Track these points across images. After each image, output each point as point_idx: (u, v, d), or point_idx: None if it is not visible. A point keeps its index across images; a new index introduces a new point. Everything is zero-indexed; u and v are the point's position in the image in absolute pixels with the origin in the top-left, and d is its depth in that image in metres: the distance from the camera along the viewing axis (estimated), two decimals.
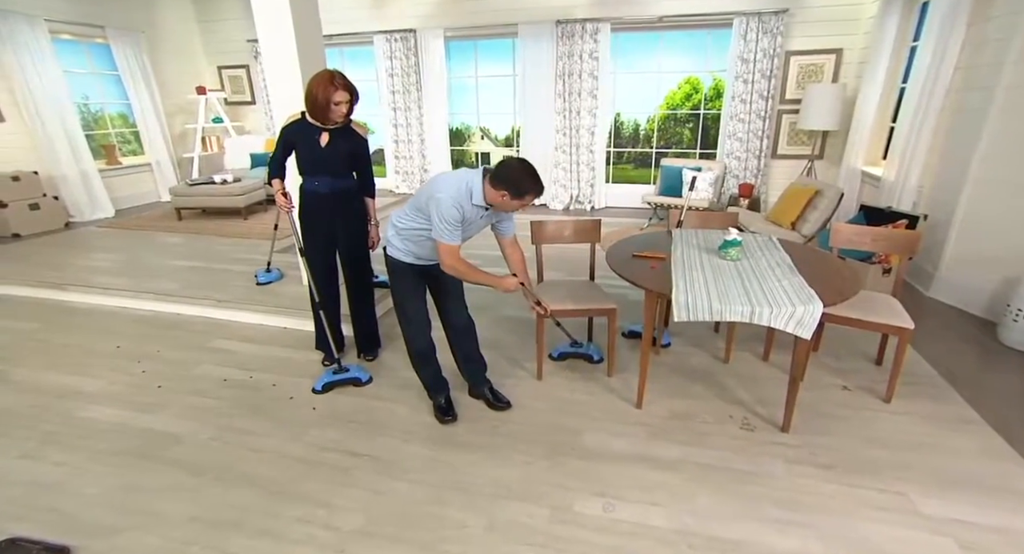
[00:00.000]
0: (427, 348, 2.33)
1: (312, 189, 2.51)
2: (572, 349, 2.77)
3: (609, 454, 2.11)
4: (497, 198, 1.94)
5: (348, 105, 2.34)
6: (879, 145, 4.75)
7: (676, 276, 2.15)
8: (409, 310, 2.24)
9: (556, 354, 2.77)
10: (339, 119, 2.36)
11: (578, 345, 2.74)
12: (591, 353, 2.75)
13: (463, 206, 1.94)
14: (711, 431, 2.22)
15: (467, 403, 2.47)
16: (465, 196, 1.95)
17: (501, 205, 1.96)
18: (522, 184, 1.90)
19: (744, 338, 2.99)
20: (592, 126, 6.12)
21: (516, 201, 1.93)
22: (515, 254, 2.26)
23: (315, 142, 2.41)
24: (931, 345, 2.85)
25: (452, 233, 1.95)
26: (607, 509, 1.83)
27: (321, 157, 2.43)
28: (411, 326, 2.27)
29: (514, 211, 2.04)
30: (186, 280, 3.85)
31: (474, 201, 1.96)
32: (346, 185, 2.55)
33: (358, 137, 2.51)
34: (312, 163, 2.46)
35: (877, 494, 1.86)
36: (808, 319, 1.86)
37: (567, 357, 2.78)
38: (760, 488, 1.91)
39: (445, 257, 1.99)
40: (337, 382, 2.60)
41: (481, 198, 1.96)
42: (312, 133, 2.41)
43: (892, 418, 2.28)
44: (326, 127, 2.40)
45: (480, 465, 2.07)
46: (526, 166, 1.92)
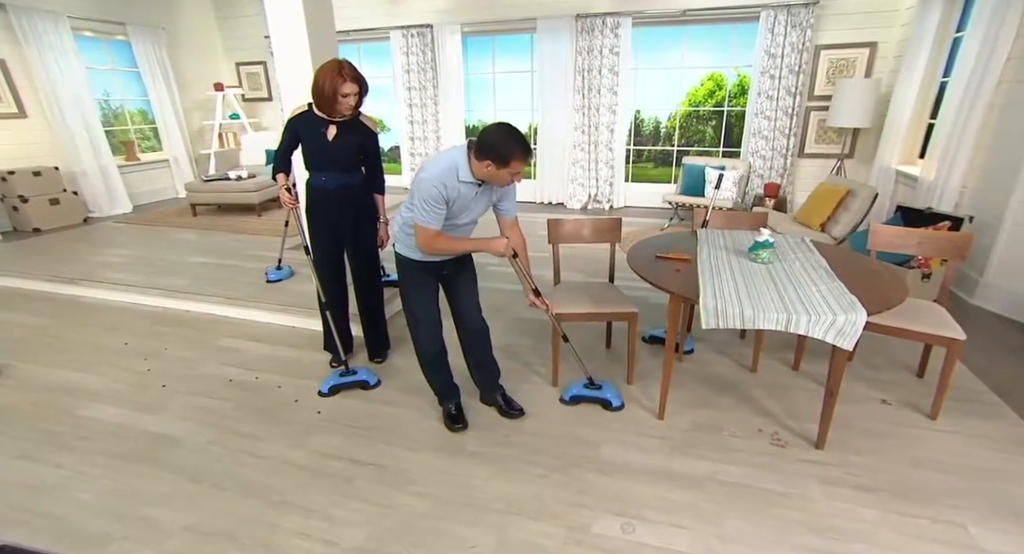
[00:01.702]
0: (438, 352, 2.20)
1: (319, 184, 2.39)
2: (587, 392, 2.34)
3: (629, 469, 1.96)
4: (484, 170, 1.77)
5: (356, 97, 2.22)
6: (915, 143, 4.50)
7: (703, 280, 1.99)
8: (419, 311, 2.11)
9: (568, 397, 2.34)
10: (346, 112, 2.24)
11: (595, 386, 2.34)
12: (609, 397, 2.31)
13: (447, 184, 1.78)
14: (739, 446, 2.06)
15: (478, 409, 2.34)
16: (451, 174, 1.79)
17: (491, 177, 1.79)
18: (504, 149, 1.72)
19: (772, 345, 2.80)
20: (611, 123, 5.95)
21: (504, 170, 1.76)
22: (515, 237, 2.08)
23: (321, 135, 2.29)
24: (978, 357, 2.63)
25: (430, 213, 1.80)
26: (626, 531, 1.68)
27: (328, 151, 2.31)
28: (421, 328, 2.13)
29: (510, 183, 1.86)
30: (196, 276, 3.79)
31: (461, 178, 1.80)
32: (354, 181, 2.43)
33: (366, 130, 2.39)
34: (318, 157, 2.34)
35: (929, 524, 1.68)
36: (850, 328, 1.69)
37: (580, 401, 2.34)
38: (794, 511, 1.74)
39: (421, 240, 1.86)
40: (344, 385, 2.50)
41: (468, 173, 1.80)
42: (318, 126, 2.29)
43: (940, 437, 2.09)
44: (333, 120, 2.28)
45: (490, 478, 1.93)
46: (506, 129, 1.74)
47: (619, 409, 2.28)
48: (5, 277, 4.03)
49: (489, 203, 1.99)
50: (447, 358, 2.24)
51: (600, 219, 2.67)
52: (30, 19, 5.21)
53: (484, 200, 1.95)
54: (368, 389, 2.51)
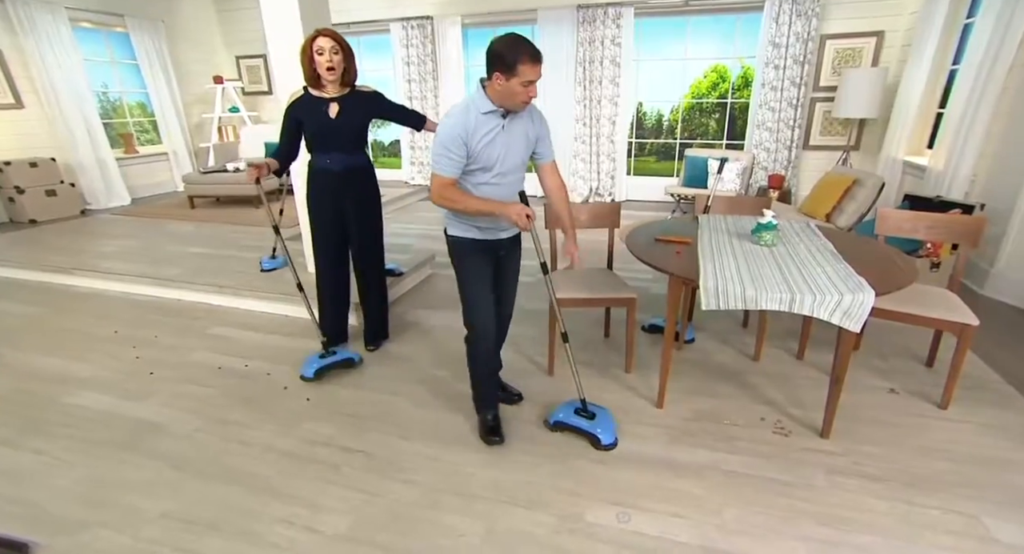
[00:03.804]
0: (492, 353, 2.00)
1: (323, 167, 2.30)
2: (575, 421, 1.95)
3: (626, 458, 1.88)
4: (497, 89, 1.60)
5: (337, 56, 2.14)
6: (924, 133, 4.40)
7: (703, 261, 1.92)
8: (477, 300, 1.86)
9: (552, 422, 2.00)
10: (329, 75, 2.15)
11: (587, 414, 1.95)
12: (597, 433, 1.90)
13: (468, 124, 1.62)
14: (740, 435, 1.98)
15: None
16: (469, 109, 1.64)
17: (505, 97, 1.60)
18: (509, 53, 1.54)
19: (775, 334, 2.72)
20: (613, 115, 5.87)
21: (514, 81, 1.56)
22: (551, 182, 1.90)
23: (323, 114, 2.21)
24: (990, 347, 2.54)
25: (445, 157, 1.63)
26: (622, 520, 1.61)
27: (331, 131, 2.23)
28: (478, 321, 1.88)
29: (526, 102, 1.63)
30: (190, 266, 3.74)
31: (481, 110, 1.64)
32: (359, 162, 2.36)
33: (367, 96, 2.31)
34: (322, 138, 2.26)
35: (940, 514, 1.60)
36: (857, 310, 1.61)
37: (565, 429, 1.98)
38: (798, 501, 1.67)
39: (434, 188, 1.69)
40: (329, 366, 2.43)
41: (486, 101, 1.64)
42: (319, 105, 2.21)
43: (951, 426, 2.00)
44: (333, 97, 2.21)
45: (482, 466, 1.86)
46: (511, 35, 1.59)
47: (609, 448, 1.90)
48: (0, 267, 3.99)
49: (527, 145, 1.77)
50: (499, 362, 2.10)
51: (598, 204, 2.60)
52: (27, 9, 5.17)
53: (518, 141, 1.73)
54: (354, 366, 2.49)
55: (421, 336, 2.87)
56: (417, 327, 2.99)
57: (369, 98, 2.32)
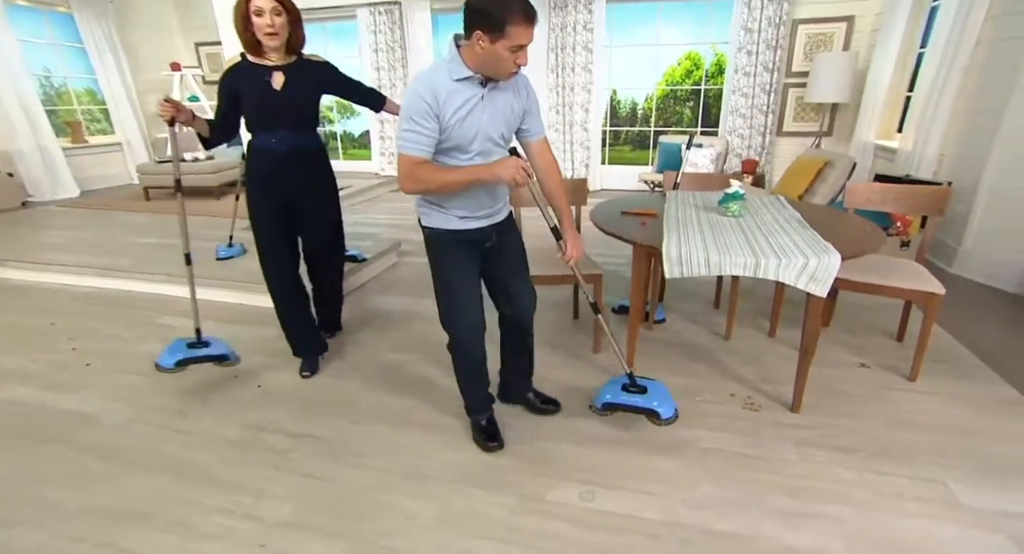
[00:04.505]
0: (481, 359, 1.73)
1: (267, 147, 1.98)
2: (626, 399, 1.77)
3: (592, 437, 1.83)
4: (477, 53, 1.34)
5: (279, 18, 1.84)
6: (894, 117, 4.48)
7: (668, 230, 1.88)
8: (460, 301, 1.61)
9: (601, 404, 1.80)
10: (271, 41, 1.85)
11: (638, 389, 1.77)
12: (655, 407, 1.73)
13: (436, 89, 1.37)
14: (710, 412, 1.95)
15: (428, 376, 2.19)
16: (440, 74, 1.39)
17: (488, 62, 1.35)
18: (496, 8, 1.28)
19: (747, 313, 2.71)
20: (586, 103, 5.85)
21: (501, 44, 1.30)
22: (543, 161, 1.63)
23: (266, 85, 1.91)
24: (959, 322, 2.57)
25: (414, 134, 1.38)
26: (585, 498, 1.55)
27: (276, 104, 1.93)
28: (457, 327, 1.65)
29: (514, 71, 1.39)
30: (141, 256, 3.58)
31: (455, 76, 1.38)
32: (309, 143, 2.07)
33: (317, 65, 2.04)
34: (265, 113, 1.95)
35: (909, 482, 1.58)
36: (823, 273, 1.59)
37: (616, 409, 1.80)
38: (768, 475, 1.63)
39: (401, 171, 1.42)
40: (195, 359, 2.10)
41: (462, 66, 1.38)
42: (260, 74, 1.91)
43: (919, 398, 2.00)
44: (277, 65, 1.92)
45: (440, 448, 1.79)
46: None
47: (670, 422, 1.73)
48: None
49: (511, 120, 1.51)
50: (487, 367, 1.79)
51: (565, 180, 2.54)
52: None
53: (500, 116, 1.47)
54: (224, 365, 2.20)
55: (380, 321, 2.78)
56: (377, 312, 2.90)
57: (320, 69, 2.05)
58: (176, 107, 1.82)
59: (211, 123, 1.97)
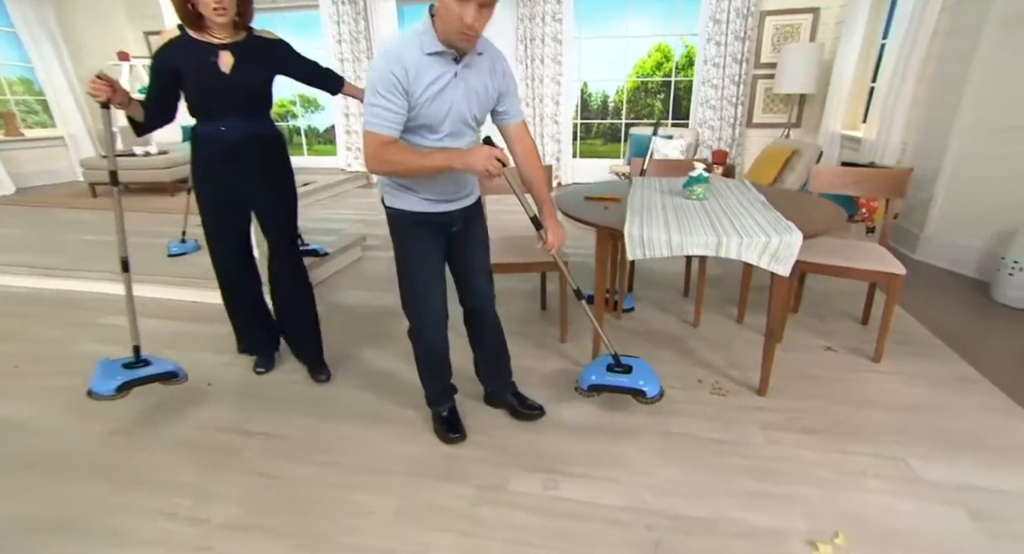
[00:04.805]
0: (444, 348, 1.72)
1: (216, 137, 1.82)
2: (611, 380, 1.76)
3: (557, 426, 1.82)
4: (446, 17, 1.27)
5: None
6: (859, 108, 4.61)
7: (631, 213, 1.88)
8: (421, 284, 1.59)
9: (587, 386, 1.77)
10: (217, 16, 1.68)
11: (622, 368, 1.77)
12: (640, 386, 1.72)
13: (407, 65, 1.30)
14: (678, 398, 1.96)
15: (389, 369, 2.15)
16: (410, 46, 1.32)
17: (444, 20, 1.28)
18: None
19: (716, 300, 2.75)
20: (556, 95, 5.86)
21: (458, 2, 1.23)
22: (522, 147, 1.59)
23: (211, 67, 1.74)
24: (922, 306, 2.65)
25: (381, 110, 1.32)
26: (548, 487, 1.54)
27: (226, 88, 1.76)
28: (425, 310, 1.62)
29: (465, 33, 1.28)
30: (83, 255, 3.42)
31: (427, 49, 1.31)
32: (264, 130, 1.91)
33: (270, 43, 1.87)
34: (213, 98, 1.78)
35: (871, 460, 1.62)
36: (785, 252, 1.61)
37: (602, 390, 1.78)
38: (734, 458, 1.65)
39: (368, 150, 1.36)
40: (139, 381, 1.81)
41: (434, 39, 1.31)
42: (205, 54, 1.73)
43: (883, 378, 2.06)
44: (224, 43, 1.75)
45: (400, 441, 1.76)
46: None
47: (654, 400, 1.73)
48: None
49: (485, 102, 1.45)
50: (448, 356, 1.76)
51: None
52: None
53: (474, 96, 1.41)
54: (173, 384, 1.91)
55: (341, 316, 2.72)
56: (338, 307, 2.84)
57: (274, 48, 1.88)
58: (111, 86, 1.61)
59: (144, 106, 1.77)
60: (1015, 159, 2.84)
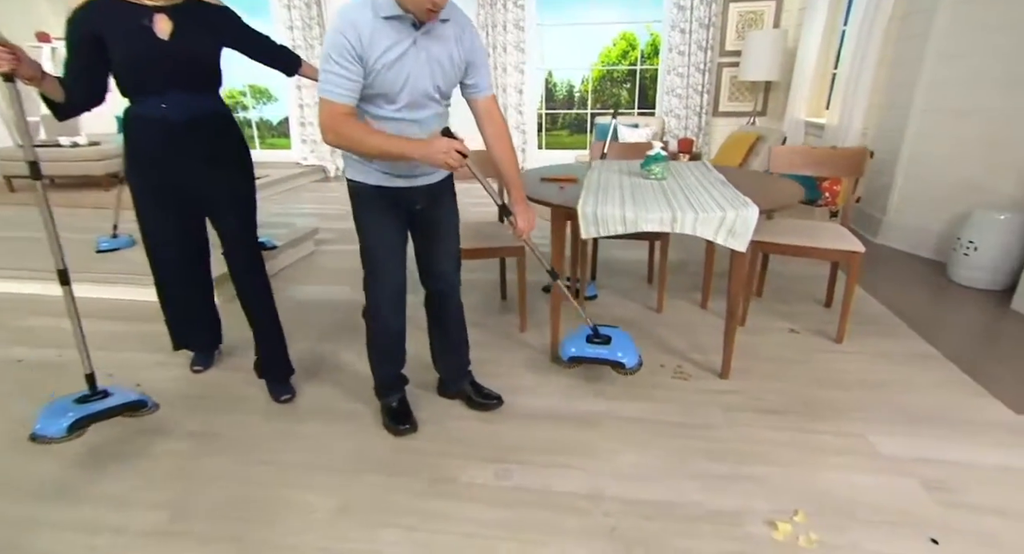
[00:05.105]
0: (399, 329, 1.67)
1: (156, 116, 1.60)
2: (591, 351, 1.81)
3: (514, 414, 1.80)
4: None
5: None
6: (822, 94, 4.75)
7: (586, 192, 1.88)
8: (377, 261, 1.56)
9: (567, 357, 1.83)
10: None
11: (601, 339, 1.83)
12: (619, 358, 1.79)
13: (361, 29, 1.26)
14: (639, 382, 1.96)
15: (338, 362, 2.10)
16: (365, 10, 1.27)
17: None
18: None
19: (680, 287, 2.79)
20: (520, 84, 5.86)
21: None
22: (491, 125, 1.56)
23: (145, 33, 1.53)
24: (882, 288, 2.73)
25: (335, 76, 1.28)
26: (501, 477, 1.51)
27: (163, 58, 1.56)
28: (380, 287, 1.59)
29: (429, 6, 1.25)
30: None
31: (382, 12, 1.27)
32: (213, 108, 1.71)
33: (214, 9, 1.69)
34: (148, 69, 1.57)
35: (832, 438, 1.65)
36: (741, 226, 1.63)
37: (581, 361, 1.85)
38: (694, 441, 1.66)
39: (322, 118, 1.33)
40: (96, 415, 1.57)
41: (391, 1, 1.27)
42: (134, 16, 1.52)
43: (845, 358, 2.11)
44: (160, 6, 1.54)
45: (347, 436, 1.71)
46: None
47: (633, 371, 1.80)
48: None
49: (450, 73, 1.41)
50: (404, 340, 1.72)
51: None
52: None
53: (437, 66, 1.37)
54: (140, 415, 1.72)
55: (289, 310, 2.63)
56: (286, 302, 2.75)
57: (218, 15, 1.69)
58: (16, 55, 1.37)
59: (63, 84, 1.54)
60: (970, 141, 2.96)
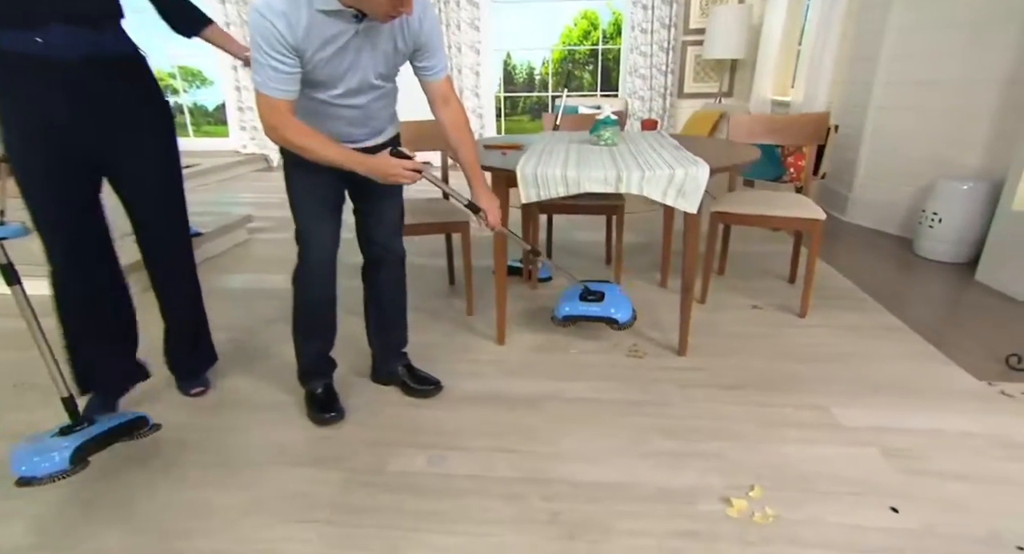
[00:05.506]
0: (326, 300, 1.60)
1: (34, 54, 1.28)
2: (584, 309, 1.90)
3: (452, 398, 1.73)
4: None
5: None
6: (788, 72, 4.82)
7: (528, 155, 1.82)
8: (305, 219, 1.49)
9: (562, 316, 1.92)
10: None
11: (594, 296, 1.91)
12: (612, 314, 1.87)
13: (294, 24, 1.17)
14: (590, 362, 1.91)
15: (260, 351, 1.98)
16: (301, 2, 1.18)
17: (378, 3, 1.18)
18: None
19: (639, 267, 2.77)
20: (476, 65, 5.79)
21: None
22: (448, 112, 1.50)
23: None
24: (848, 264, 2.76)
25: (270, 70, 1.20)
26: (433, 463, 1.43)
27: None
28: (304, 248, 1.51)
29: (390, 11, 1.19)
30: None
31: (319, 5, 1.18)
32: (118, 46, 1.41)
33: None
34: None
35: (793, 411, 1.62)
36: (691, 185, 1.59)
37: (576, 320, 1.94)
38: (647, 419, 1.61)
39: (263, 116, 1.27)
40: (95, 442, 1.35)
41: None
42: None
43: (808, 332, 2.10)
44: None
45: (264, 429, 1.60)
46: None
47: (627, 326, 1.90)
48: None
49: (394, 59, 1.37)
50: (335, 314, 1.65)
51: (425, 122, 2.40)
52: None
53: (381, 55, 1.32)
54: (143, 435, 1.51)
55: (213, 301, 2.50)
56: (211, 292, 2.61)
57: None
58: None
59: None
60: (933, 113, 3.01)
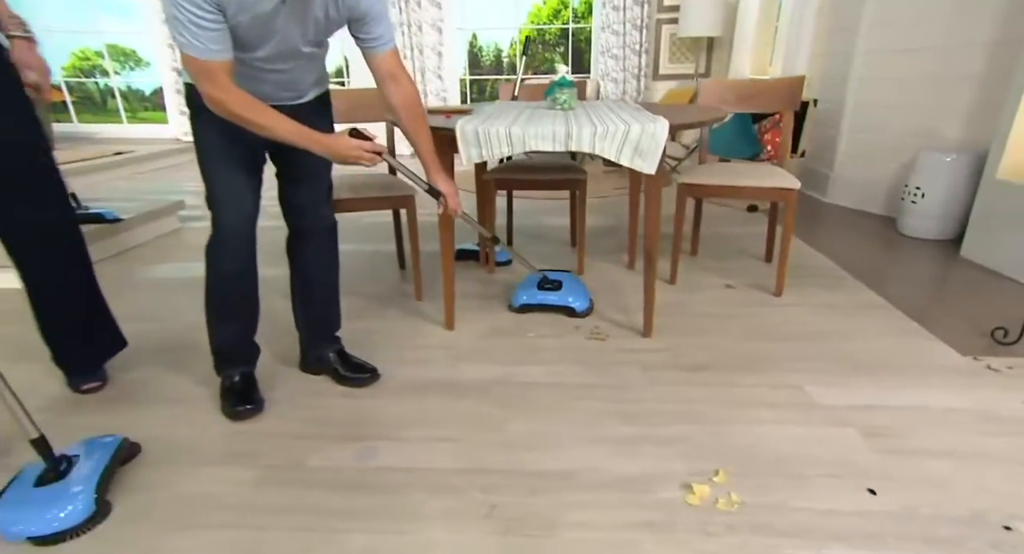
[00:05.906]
0: (240, 272, 1.47)
1: None
2: (541, 297, 2.03)
3: (391, 387, 1.63)
4: None
5: None
6: (766, 49, 4.82)
7: (473, 117, 1.73)
8: (217, 180, 1.38)
9: (518, 305, 2.04)
10: None
11: (551, 285, 2.05)
12: (570, 303, 2.00)
13: None
14: (546, 346, 1.83)
15: (175, 342, 1.86)
16: None
17: None
18: None
19: (606, 250, 2.72)
20: (438, 45, 5.69)
21: None
22: (398, 89, 1.41)
23: None
24: (829, 243, 2.74)
25: (194, 27, 1.09)
26: (364, 457, 1.33)
27: None
28: (222, 208, 1.39)
29: None
30: None
31: None
32: None
33: None
34: None
35: (765, 391, 1.56)
36: (649, 142, 1.51)
37: (532, 308, 2.05)
38: (605, 403, 1.52)
39: (196, 81, 1.17)
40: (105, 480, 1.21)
41: None
42: None
43: (784, 310, 2.05)
44: None
45: (168, 425, 1.47)
46: None
47: (585, 314, 2.01)
48: None
49: (326, 26, 1.30)
50: (255, 290, 1.53)
51: (360, 90, 2.30)
52: None
53: (310, 22, 1.25)
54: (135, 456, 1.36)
55: (131, 292, 2.37)
56: (129, 283, 2.47)
57: None
58: None
59: None
60: (914, 83, 3.01)
